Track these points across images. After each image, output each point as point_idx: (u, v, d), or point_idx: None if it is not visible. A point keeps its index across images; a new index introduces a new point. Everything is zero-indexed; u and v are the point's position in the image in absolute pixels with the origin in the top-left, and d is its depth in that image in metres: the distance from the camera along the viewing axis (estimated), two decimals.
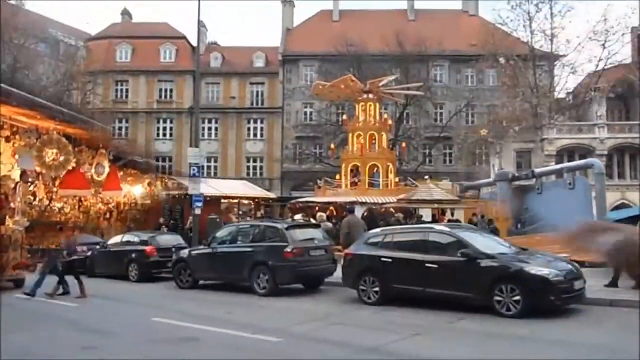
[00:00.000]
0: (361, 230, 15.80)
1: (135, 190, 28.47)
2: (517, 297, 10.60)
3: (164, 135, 51.86)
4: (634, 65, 41.35)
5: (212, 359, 8.26)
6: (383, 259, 12.52)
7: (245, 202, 29.12)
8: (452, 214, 25.66)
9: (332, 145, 33.97)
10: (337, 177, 29.89)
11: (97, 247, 21.02)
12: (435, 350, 8.52)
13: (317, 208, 26.13)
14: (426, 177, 28.65)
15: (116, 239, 20.80)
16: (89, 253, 20.74)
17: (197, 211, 20.85)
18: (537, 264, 11.00)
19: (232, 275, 15.35)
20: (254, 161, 51.49)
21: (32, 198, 22.30)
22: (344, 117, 33.61)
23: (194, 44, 37.92)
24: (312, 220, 21.07)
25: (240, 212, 27.84)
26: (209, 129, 51.24)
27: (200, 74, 37.71)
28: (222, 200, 27.53)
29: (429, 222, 20.38)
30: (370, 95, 29.34)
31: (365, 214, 23.63)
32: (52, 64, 44.34)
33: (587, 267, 14.51)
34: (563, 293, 10.66)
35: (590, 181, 24.15)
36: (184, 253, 16.85)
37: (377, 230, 14.20)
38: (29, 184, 21.04)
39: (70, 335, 10.36)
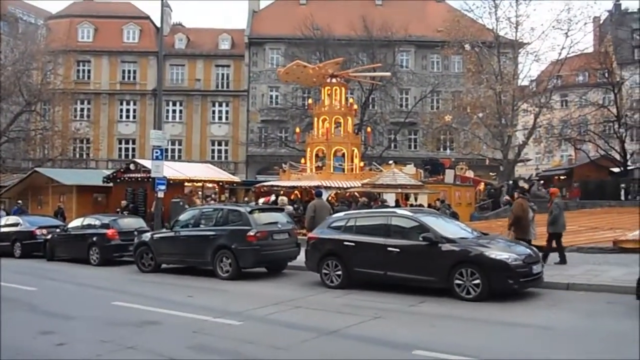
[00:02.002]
0: (327, 215, 15.69)
1: None
2: (477, 281, 10.74)
3: (127, 117, 51.10)
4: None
5: (172, 343, 8.18)
6: (346, 242, 12.53)
7: (210, 185, 28.67)
8: (416, 199, 25.85)
9: (298, 130, 34.06)
10: (302, 161, 29.96)
11: (57, 230, 20.66)
12: (396, 332, 8.59)
13: (282, 192, 26.09)
14: (391, 162, 28.74)
15: (77, 222, 20.47)
16: (49, 236, 20.49)
17: (160, 194, 20.59)
18: (497, 249, 11.13)
19: (195, 259, 15.25)
20: (219, 145, 51.18)
21: None
22: (310, 101, 33.66)
23: (158, 24, 37.25)
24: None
25: (206, 196, 27.41)
26: (174, 111, 50.78)
27: (164, 55, 36.94)
28: (186, 184, 27.03)
29: (392, 207, 20.35)
30: (337, 80, 29.32)
31: (329, 198, 24.10)
32: (10, 42, 43.30)
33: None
34: (521, 277, 10.80)
35: None
36: (147, 236, 16.63)
37: (341, 214, 14.20)
38: None
39: (28, 319, 10.21)
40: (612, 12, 52.24)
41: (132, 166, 27.66)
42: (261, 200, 24.10)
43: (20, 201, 29.18)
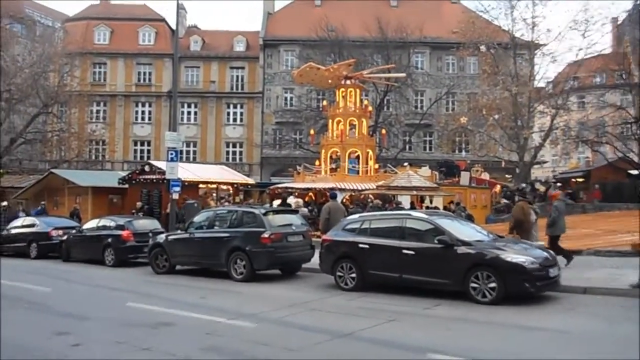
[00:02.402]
0: (341, 217, 15.58)
1: None
2: (492, 284, 10.64)
3: (143, 119, 51.27)
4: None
5: (186, 345, 8.19)
6: (360, 245, 12.44)
7: (224, 187, 28.75)
8: (431, 202, 25.47)
9: (312, 131, 33.85)
10: (317, 163, 29.74)
11: (73, 231, 20.69)
12: (411, 336, 8.54)
13: (296, 194, 25.91)
14: (406, 164, 28.64)
15: (92, 223, 20.54)
16: (65, 237, 20.53)
17: (175, 196, 20.69)
18: (513, 252, 10.98)
19: (209, 261, 15.21)
20: (234, 146, 51.08)
21: None
22: (324, 103, 33.24)
23: (174, 27, 37.36)
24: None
25: (220, 198, 27.52)
26: (188, 113, 50.79)
27: (180, 57, 37.16)
28: (200, 186, 27.23)
29: (407, 209, 20.21)
30: (352, 82, 29.12)
31: (344, 200, 23.76)
32: (28, 45, 43.52)
33: None
34: (538, 280, 10.72)
35: None
36: (161, 238, 16.61)
37: (355, 216, 14.08)
38: None
39: (44, 320, 10.22)
40: (630, 13, 51.49)
41: (147, 168, 27.69)
42: (276, 203, 23.70)
43: (43, 202, 29.25)
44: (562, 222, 15.11)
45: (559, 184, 38.42)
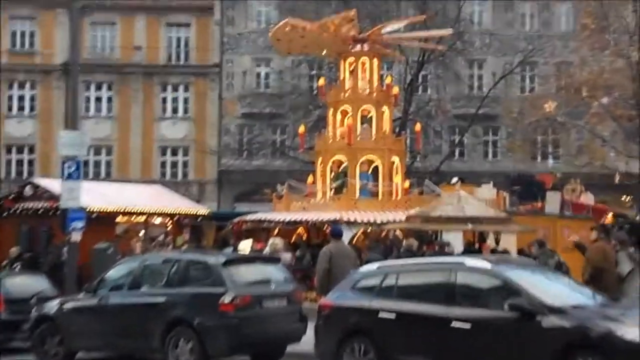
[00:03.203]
0: (351, 267, 13.14)
1: None
2: None
3: (21, 109, 41.04)
4: None
5: None
6: (382, 314, 10.77)
7: (158, 221, 24.81)
8: (498, 241, 20.97)
9: (302, 128, 27.78)
10: (310, 179, 24.98)
11: None
12: None
13: (276, 231, 22.09)
14: (455, 179, 24.29)
15: None
16: None
17: (76, 237, 17.22)
18: (636, 325, 8.95)
19: (133, 343, 13.08)
20: (174, 154, 41.47)
21: None
22: (321, 82, 27.00)
23: None
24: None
25: (152, 239, 24.12)
26: (98, 99, 40.98)
27: (82, 6, 28.35)
28: (119, 219, 23.61)
29: (458, 254, 17.34)
30: (366, 47, 23.56)
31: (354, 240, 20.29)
32: None
33: None
34: None
35: None
36: (52, 307, 14.19)
37: (373, 266, 12.09)
38: None
39: None
40: None
41: (28, 190, 23.64)
42: (244, 245, 19.80)
43: None
44: None
45: None
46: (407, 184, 24.18)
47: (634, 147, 30.30)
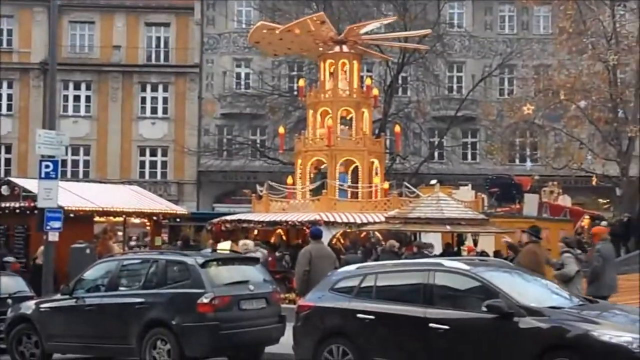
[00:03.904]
0: (330, 268, 13.27)
1: None
2: None
3: None
4: None
5: None
6: (361, 315, 10.79)
7: (137, 221, 24.37)
8: (476, 243, 21.97)
9: (282, 129, 28.05)
10: (289, 180, 25.17)
11: None
12: None
13: (255, 232, 22.08)
14: (434, 181, 23.93)
15: None
16: None
17: (53, 236, 17.22)
18: (611, 326, 9.33)
19: (110, 344, 12.90)
20: (152, 154, 41.69)
21: None
22: (301, 83, 27.45)
23: None
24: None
25: (130, 239, 24.39)
26: (76, 98, 40.98)
27: (61, 4, 29.02)
28: (97, 218, 23.12)
29: (436, 255, 17.59)
30: (345, 48, 23.67)
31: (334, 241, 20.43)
32: None
33: None
34: None
35: None
36: (28, 307, 14.07)
37: (352, 267, 12.19)
38: None
39: None
40: None
41: (4, 189, 23.20)
42: (223, 246, 19.29)
43: None
44: (611, 276, 13.68)
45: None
46: (386, 185, 24.39)
47: (611, 149, 30.63)
